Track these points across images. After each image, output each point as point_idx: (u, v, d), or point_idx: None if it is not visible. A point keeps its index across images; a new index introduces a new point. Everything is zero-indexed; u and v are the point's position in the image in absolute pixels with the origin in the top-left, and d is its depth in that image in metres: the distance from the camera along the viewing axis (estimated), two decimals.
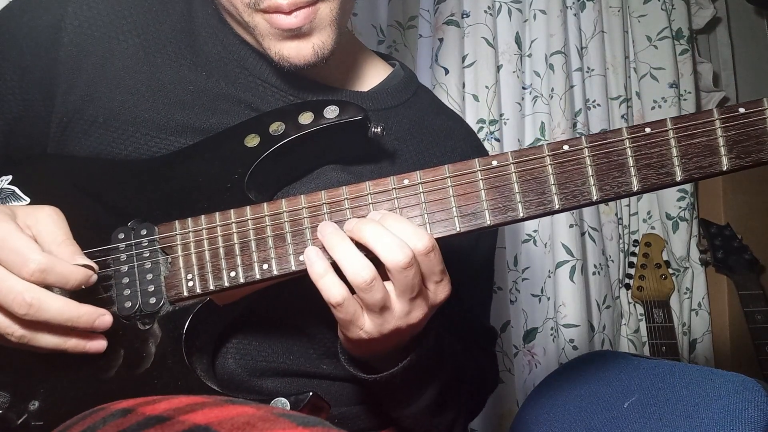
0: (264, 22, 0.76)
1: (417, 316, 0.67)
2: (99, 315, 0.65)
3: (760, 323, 1.74)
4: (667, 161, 0.64)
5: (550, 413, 0.95)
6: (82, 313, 0.64)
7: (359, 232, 0.64)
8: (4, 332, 0.63)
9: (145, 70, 0.79)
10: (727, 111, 0.64)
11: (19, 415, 0.68)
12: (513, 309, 1.81)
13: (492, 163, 0.66)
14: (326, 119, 0.74)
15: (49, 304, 0.62)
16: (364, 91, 0.90)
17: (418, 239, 0.63)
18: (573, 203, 0.65)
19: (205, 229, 0.69)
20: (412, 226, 0.64)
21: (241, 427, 0.49)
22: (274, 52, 0.77)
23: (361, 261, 0.63)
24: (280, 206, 0.68)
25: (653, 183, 0.64)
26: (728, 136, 0.64)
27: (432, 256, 0.64)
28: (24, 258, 0.61)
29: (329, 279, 0.64)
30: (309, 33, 0.76)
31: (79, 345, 0.65)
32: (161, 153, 0.77)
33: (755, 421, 0.70)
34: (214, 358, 0.75)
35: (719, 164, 0.64)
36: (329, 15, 0.76)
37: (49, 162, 0.79)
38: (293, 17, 0.74)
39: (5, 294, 0.61)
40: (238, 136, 0.75)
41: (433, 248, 0.64)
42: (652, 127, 0.65)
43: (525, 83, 1.86)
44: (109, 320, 0.66)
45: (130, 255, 0.70)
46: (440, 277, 0.66)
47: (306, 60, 0.77)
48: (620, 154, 0.65)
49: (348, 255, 0.63)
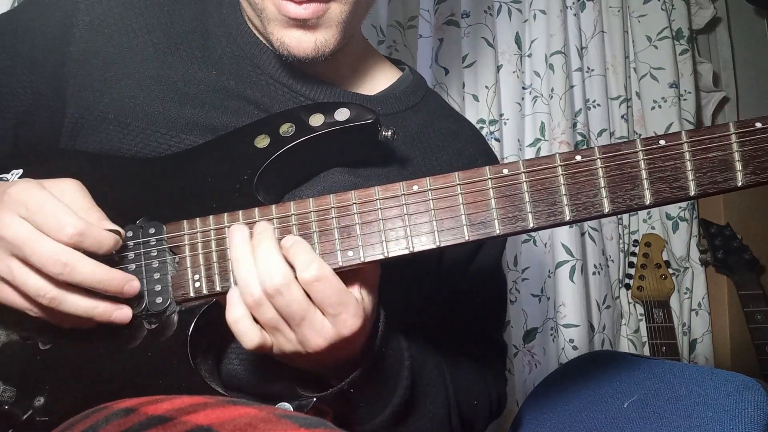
0: (272, 6, 0.76)
1: (315, 345, 0.65)
2: (128, 280, 0.67)
3: (760, 323, 1.75)
4: (681, 175, 0.63)
5: (550, 413, 0.95)
6: (113, 276, 0.65)
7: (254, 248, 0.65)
8: (36, 294, 0.64)
9: (156, 67, 0.80)
10: (743, 125, 0.62)
11: (25, 411, 0.68)
12: (513, 309, 1.81)
13: (503, 171, 0.65)
14: (337, 122, 0.74)
15: (83, 264, 0.63)
16: (372, 94, 0.90)
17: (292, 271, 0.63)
18: (584, 215, 0.64)
19: (213, 229, 0.69)
20: (279, 260, 0.64)
21: (243, 428, 0.49)
22: (276, 38, 0.77)
23: (252, 279, 0.64)
24: (288, 209, 0.68)
25: (666, 197, 0.63)
26: (744, 151, 0.62)
27: (319, 287, 0.63)
28: (62, 222, 0.62)
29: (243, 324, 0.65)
30: (314, 27, 0.76)
31: (107, 311, 0.66)
32: (171, 150, 0.77)
33: (755, 421, 0.70)
34: (220, 360, 0.76)
35: (734, 180, 0.62)
36: (338, 16, 0.77)
37: (59, 157, 0.79)
38: (302, 8, 0.74)
39: (40, 254, 0.62)
40: (248, 136, 0.75)
41: (317, 279, 0.63)
42: (667, 139, 0.63)
43: (525, 83, 1.86)
44: (137, 286, 0.67)
45: (138, 254, 0.70)
46: (336, 309, 0.64)
47: (305, 53, 0.77)
48: (633, 166, 0.63)
49: (241, 269, 0.64)
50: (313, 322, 0.64)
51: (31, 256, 0.62)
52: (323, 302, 0.64)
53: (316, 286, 0.63)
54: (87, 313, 0.66)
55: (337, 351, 0.66)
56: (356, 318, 0.65)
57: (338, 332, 0.65)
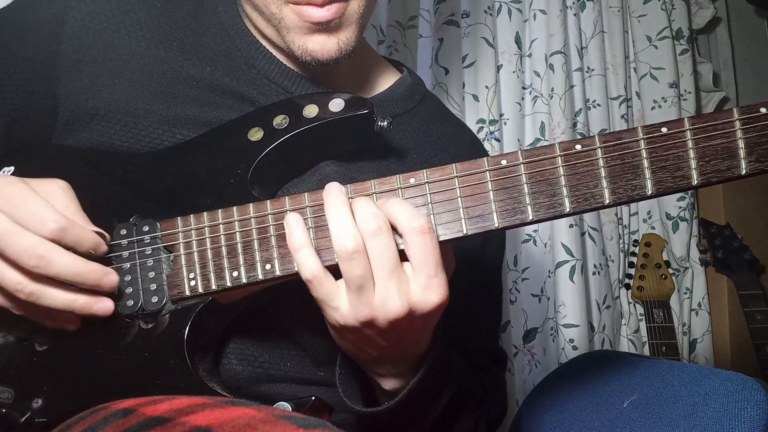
0: (292, 15, 0.75)
1: (395, 307, 0.61)
2: (105, 273, 0.66)
3: (760, 323, 1.74)
4: (684, 164, 0.61)
5: (550, 413, 0.95)
6: (90, 270, 0.65)
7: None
8: (14, 289, 0.64)
9: (148, 63, 0.79)
10: (747, 111, 0.60)
11: (23, 413, 0.68)
12: (513, 309, 1.81)
13: (501, 162, 0.63)
14: (331, 112, 0.73)
15: (59, 257, 0.63)
16: (369, 97, 0.89)
17: (408, 218, 0.61)
18: (584, 206, 0.62)
19: (207, 227, 0.69)
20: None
21: (242, 428, 0.49)
22: (298, 46, 0.77)
23: (348, 230, 0.61)
24: (283, 204, 0.67)
25: (668, 187, 0.61)
26: (748, 138, 0.60)
27: (424, 240, 0.61)
28: (43, 218, 0.63)
29: (304, 253, 0.63)
30: (337, 29, 0.76)
31: (87, 304, 0.66)
32: (163, 145, 0.77)
33: (755, 420, 0.70)
34: (218, 360, 0.75)
35: (738, 168, 0.60)
36: (357, 11, 0.77)
37: (51, 154, 0.79)
38: (325, 10, 0.74)
39: (16, 247, 0.62)
40: (241, 129, 0.74)
41: (425, 231, 0.61)
42: (669, 126, 0.61)
43: (525, 83, 1.86)
44: (116, 279, 0.67)
45: (132, 252, 0.70)
46: (434, 271, 0.62)
47: (330, 55, 0.77)
48: (635, 155, 0.61)
49: (337, 220, 0.62)
50: (400, 277, 0.61)
51: (7, 248, 0.62)
52: (423, 259, 0.61)
53: (424, 239, 0.61)
54: (67, 306, 0.65)
55: (409, 332, 0.64)
56: (444, 288, 0.62)
57: (425, 298, 0.62)
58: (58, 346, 0.69)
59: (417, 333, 0.66)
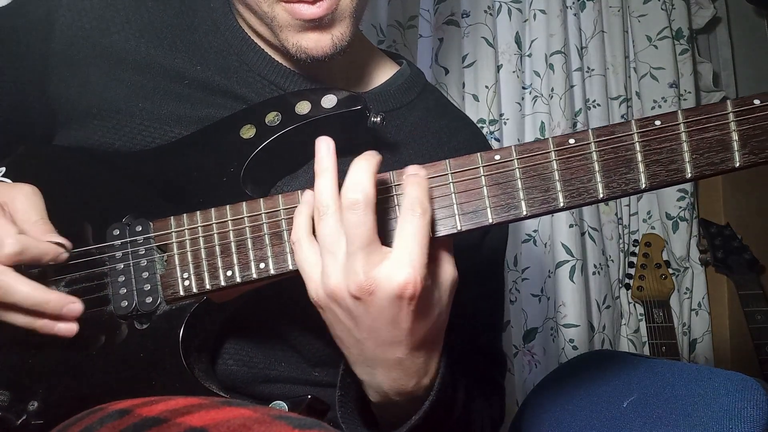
0: (284, 13, 0.75)
1: (356, 281, 0.58)
2: (67, 303, 0.65)
3: (760, 323, 1.74)
4: (678, 156, 0.61)
5: (550, 413, 0.95)
6: (49, 299, 0.65)
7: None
8: None
9: (139, 61, 0.79)
10: (741, 103, 0.60)
11: (19, 415, 0.68)
12: (513, 309, 1.81)
13: (495, 157, 0.63)
14: (324, 109, 0.73)
15: (17, 288, 0.63)
16: (365, 91, 0.88)
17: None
18: (578, 201, 0.62)
19: (200, 226, 0.68)
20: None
21: (238, 429, 0.49)
22: (292, 44, 0.76)
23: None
24: (276, 203, 0.67)
25: (662, 180, 0.61)
26: (742, 131, 0.60)
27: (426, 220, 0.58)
28: (0, 242, 0.62)
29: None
30: (330, 24, 0.76)
31: (47, 325, 0.66)
32: (155, 143, 0.76)
33: (755, 420, 0.69)
34: (214, 360, 0.75)
35: (731, 160, 0.60)
36: (350, 6, 0.76)
37: (42, 154, 0.79)
38: (316, 7, 0.73)
39: None
40: (233, 126, 0.74)
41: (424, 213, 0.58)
42: (663, 119, 0.61)
43: (525, 83, 1.86)
44: (79, 308, 0.66)
45: (126, 253, 0.70)
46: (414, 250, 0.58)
47: (324, 52, 0.76)
48: (628, 148, 0.61)
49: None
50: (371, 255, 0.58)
51: None
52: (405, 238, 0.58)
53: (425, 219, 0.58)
54: (28, 326, 0.65)
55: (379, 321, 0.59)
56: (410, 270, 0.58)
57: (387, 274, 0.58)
58: (53, 348, 0.69)
59: (391, 328, 0.61)
